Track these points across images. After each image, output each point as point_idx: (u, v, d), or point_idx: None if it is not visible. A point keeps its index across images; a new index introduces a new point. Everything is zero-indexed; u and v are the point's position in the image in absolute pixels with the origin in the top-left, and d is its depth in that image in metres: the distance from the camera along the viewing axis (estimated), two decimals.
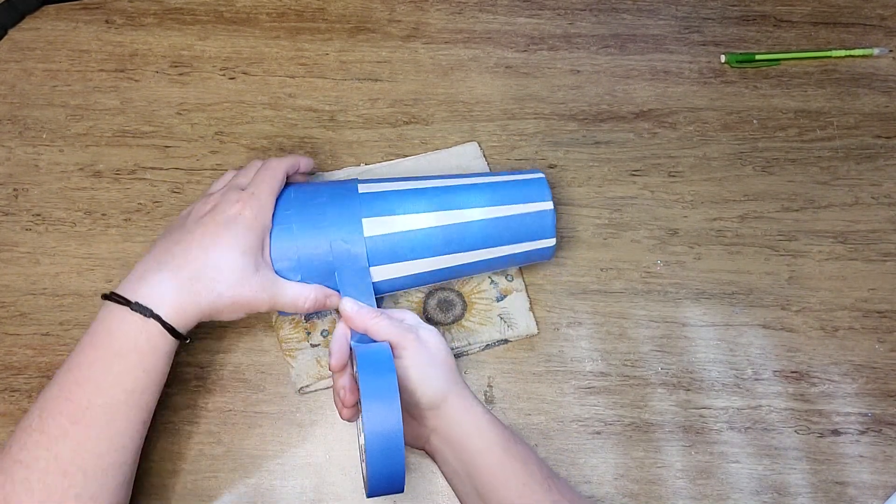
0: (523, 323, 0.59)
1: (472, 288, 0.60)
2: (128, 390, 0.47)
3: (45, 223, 0.63)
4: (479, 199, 0.54)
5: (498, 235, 0.55)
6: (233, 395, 0.57)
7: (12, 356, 0.58)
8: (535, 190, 0.55)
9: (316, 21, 0.72)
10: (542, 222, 0.55)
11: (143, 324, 0.47)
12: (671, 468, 0.56)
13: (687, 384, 0.58)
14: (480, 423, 0.49)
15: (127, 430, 0.47)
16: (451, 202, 0.54)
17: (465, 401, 0.50)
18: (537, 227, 0.55)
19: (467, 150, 0.66)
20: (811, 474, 0.56)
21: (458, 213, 0.54)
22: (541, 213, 0.55)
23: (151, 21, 0.72)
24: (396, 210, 0.53)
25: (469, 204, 0.54)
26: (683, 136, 0.67)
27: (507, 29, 0.72)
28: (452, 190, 0.55)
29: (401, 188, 0.55)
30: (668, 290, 0.61)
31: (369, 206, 0.53)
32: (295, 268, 0.52)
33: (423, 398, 0.48)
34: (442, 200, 0.54)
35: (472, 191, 0.55)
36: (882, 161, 0.67)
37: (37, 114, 0.67)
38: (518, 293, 0.60)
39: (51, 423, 0.45)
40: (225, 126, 0.67)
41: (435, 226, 0.53)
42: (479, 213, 0.54)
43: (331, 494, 0.55)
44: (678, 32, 0.72)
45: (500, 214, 0.54)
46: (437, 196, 0.54)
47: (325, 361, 0.57)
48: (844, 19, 0.73)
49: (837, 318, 0.61)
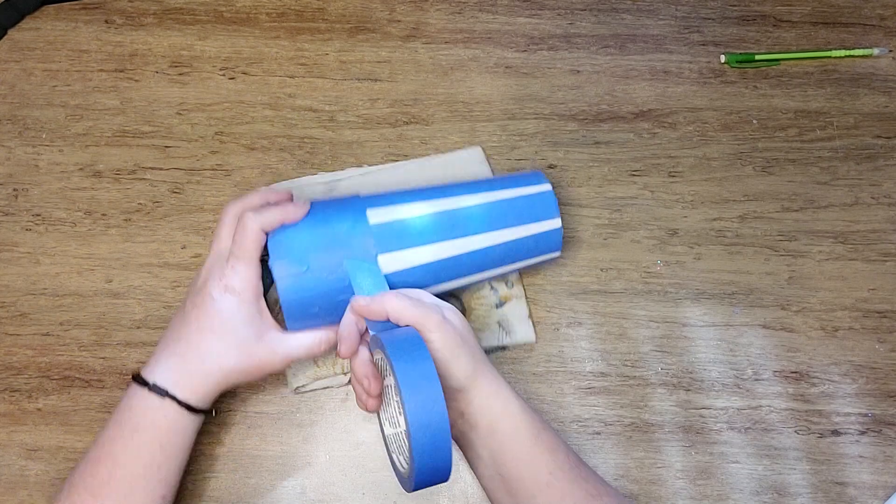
0: (521, 331, 0.59)
1: (472, 293, 0.60)
2: (146, 464, 0.48)
3: (45, 223, 0.63)
4: (487, 223, 0.54)
5: (505, 254, 0.55)
6: (233, 395, 0.57)
7: (12, 356, 0.58)
8: (543, 207, 0.55)
9: (316, 21, 0.72)
10: (549, 238, 0.55)
11: (160, 403, 0.48)
12: (671, 468, 0.56)
13: (687, 384, 0.58)
14: (510, 408, 0.47)
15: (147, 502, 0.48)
16: (461, 227, 0.53)
17: (493, 383, 0.47)
18: (544, 243, 0.56)
19: (471, 154, 0.65)
20: (811, 474, 0.56)
21: (465, 241, 0.53)
22: (549, 231, 0.55)
23: (151, 21, 0.72)
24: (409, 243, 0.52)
25: (477, 229, 0.53)
26: (683, 136, 0.67)
27: (507, 29, 0.72)
28: (461, 213, 0.54)
29: (411, 215, 0.53)
30: (668, 290, 0.61)
31: (383, 242, 0.51)
32: (315, 316, 0.51)
33: (452, 380, 0.46)
34: (451, 226, 0.53)
35: (481, 215, 0.54)
36: (882, 161, 0.67)
37: (37, 114, 0.67)
38: (517, 300, 0.60)
39: (75, 498, 0.47)
40: (225, 126, 0.67)
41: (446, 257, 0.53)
42: (488, 238, 0.54)
43: (331, 494, 0.55)
44: (678, 32, 0.72)
45: (508, 238, 0.54)
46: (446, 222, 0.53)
47: (321, 362, 0.57)
48: (844, 19, 0.73)
49: (837, 318, 0.61)
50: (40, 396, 0.58)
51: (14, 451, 0.56)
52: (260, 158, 0.66)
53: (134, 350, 0.59)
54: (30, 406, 0.57)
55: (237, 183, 0.65)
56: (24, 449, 0.56)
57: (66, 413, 0.57)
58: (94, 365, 0.58)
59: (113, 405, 0.57)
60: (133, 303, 0.60)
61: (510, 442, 0.46)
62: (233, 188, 0.64)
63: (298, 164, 0.65)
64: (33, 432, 0.57)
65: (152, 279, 0.61)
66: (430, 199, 0.54)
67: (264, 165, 0.65)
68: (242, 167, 0.65)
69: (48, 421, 0.57)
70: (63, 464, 0.55)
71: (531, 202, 0.55)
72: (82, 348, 0.59)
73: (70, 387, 0.58)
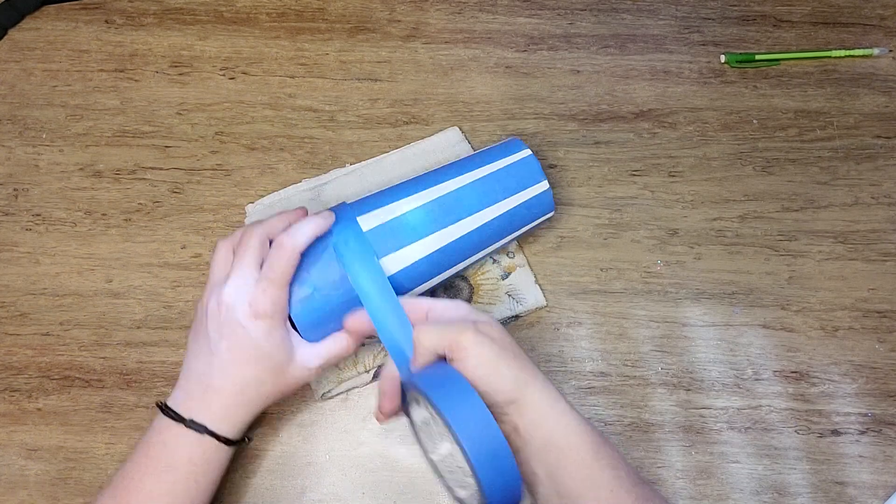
0: (531, 296, 0.60)
1: (476, 270, 0.60)
2: (178, 500, 0.47)
3: (45, 223, 0.63)
4: (478, 202, 0.54)
5: (501, 227, 0.55)
6: None
7: (12, 356, 0.58)
8: (528, 173, 0.56)
9: (316, 21, 0.72)
10: (541, 201, 0.56)
11: (198, 440, 0.48)
12: (671, 468, 0.56)
13: (687, 384, 0.58)
14: (568, 421, 0.44)
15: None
16: (453, 213, 0.53)
17: (547, 395, 0.44)
18: (537, 207, 0.56)
19: (449, 136, 0.66)
20: (811, 474, 0.56)
21: (460, 225, 0.53)
22: (539, 195, 0.56)
23: (151, 21, 0.72)
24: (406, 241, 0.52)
25: (470, 210, 0.54)
26: (683, 136, 0.67)
27: (507, 29, 0.72)
28: (451, 198, 0.54)
29: (402, 212, 0.53)
30: (668, 290, 0.61)
31: (380, 246, 0.52)
32: (333, 329, 0.51)
33: (499, 395, 0.43)
34: (443, 213, 0.53)
35: (470, 193, 0.54)
36: (882, 161, 0.67)
37: (37, 114, 0.67)
38: (522, 269, 0.61)
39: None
40: (225, 126, 0.67)
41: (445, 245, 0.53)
42: (482, 216, 0.54)
43: (331, 494, 0.55)
44: (678, 32, 0.72)
45: (501, 211, 0.55)
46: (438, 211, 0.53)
47: (343, 364, 0.57)
48: (844, 19, 0.73)
49: (837, 318, 0.61)
50: (40, 396, 0.58)
51: (14, 451, 0.56)
52: (260, 158, 0.66)
53: (134, 350, 0.59)
54: (30, 406, 0.57)
55: (237, 183, 0.65)
56: (24, 449, 0.56)
57: (66, 413, 0.57)
58: (95, 365, 0.58)
59: (113, 405, 0.57)
60: (133, 303, 0.60)
61: (568, 458, 0.43)
62: (233, 188, 0.64)
63: (298, 164, 0.65)
64: (33, 432, 0.57)
65: (152, 279, 0.61)
66: (417, 191, 0.54)
67: (264, 165, 0.65)
68: (242, 167, 0.65)
69: (48, 421, 0.57)
70: (63, 463, 0.55)
71: (515, 171, 0.56)
72: (82, 348, 0.59)
73: (70, 387, 0.58)
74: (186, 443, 0.48)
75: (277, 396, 0.51)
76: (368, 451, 0.56)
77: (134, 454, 0.49)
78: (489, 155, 0.57)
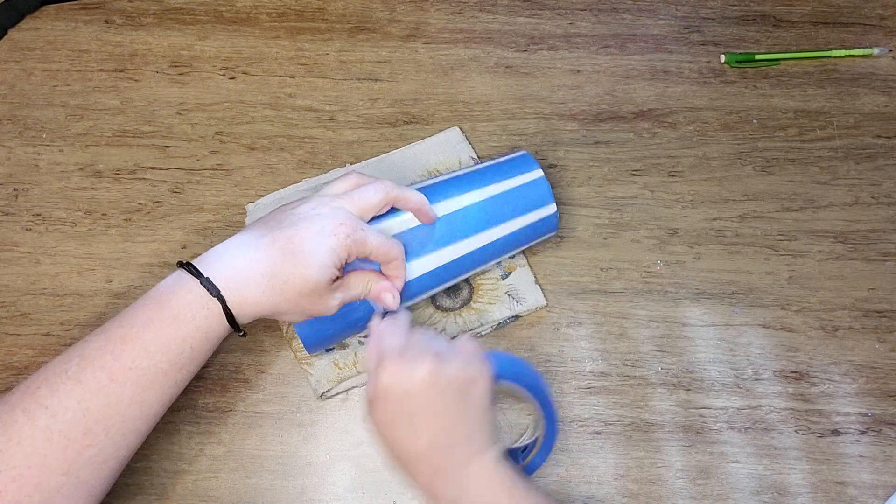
0: (531, 296, 0.60)
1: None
2: (171, 361, 0.45)
3: (45, 223, 0.63)
4: (485, 221, 0.54)
5: (505, 245, 0.56)
6: (233, 395, 0.57)
7: (12, 356, 0.58)
8: (538, 195, 0.56)
9: (316, 21, 0.72)
10: (546, 223, 0.57)
11: (206, 301, 0.45)
12: (671, 468, 0.56)
13: (687, 384, 0.58)
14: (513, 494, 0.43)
15: (157, 401, 0.46)
16: (459, 231, 0.53)
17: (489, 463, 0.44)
18: (542, 228, 0.57)
19: (449, 136, 0.66)
20: (811, 474, 0.56)
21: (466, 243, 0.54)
22: (546, 217, 0.56)
23: (151, 21, 0.72)
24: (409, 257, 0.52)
25: (477, 229, 0.54)
26: (683, 136, 0.67)
27: (507, 29, 0.72)
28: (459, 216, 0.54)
29: (406, 228, 0.52)
30: (668, 290, 0.61)
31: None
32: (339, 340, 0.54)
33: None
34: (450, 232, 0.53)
35: (479, 213, 0.54)
36: (882, 161, 0.67)
37: (37, 114, 0.67)
38: (522, 268, 0.61)
39: (89, 376, 0.43)
40: (225, 126, 0.67)
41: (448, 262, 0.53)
42: (488, 235, 0.54)
43: (331, 494, 0.55)
44: (678, 32, 0.72)
45: (507, 231, 0.55)
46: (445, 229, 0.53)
47: (342, 363, 0.57)
48: (844, 19, 0.73)
49: (837, 317, 0.61)
50: None
51: None
52: (260, 158, 0.66)
53: None
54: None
55: (237, 183, 0.65)
56: None
57: None
58: None
59: None
60: None
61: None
62: (233, 188, 0.64)
63: (298, 164, 0.65)
64: None
65: (153, 279, 0.61)
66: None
67: (264, 165, 0.65)
68: (242, 167, 0.65)
69: None
70: None
71: (526, 192, 0.55)
72: None
73: None
74: (195, 300, 0.45)
75: (290, 308, 0.47)
76: (368, 451, 0.56)
77: (135, 302, 0.46)
78: (500, 171, 0.56)
